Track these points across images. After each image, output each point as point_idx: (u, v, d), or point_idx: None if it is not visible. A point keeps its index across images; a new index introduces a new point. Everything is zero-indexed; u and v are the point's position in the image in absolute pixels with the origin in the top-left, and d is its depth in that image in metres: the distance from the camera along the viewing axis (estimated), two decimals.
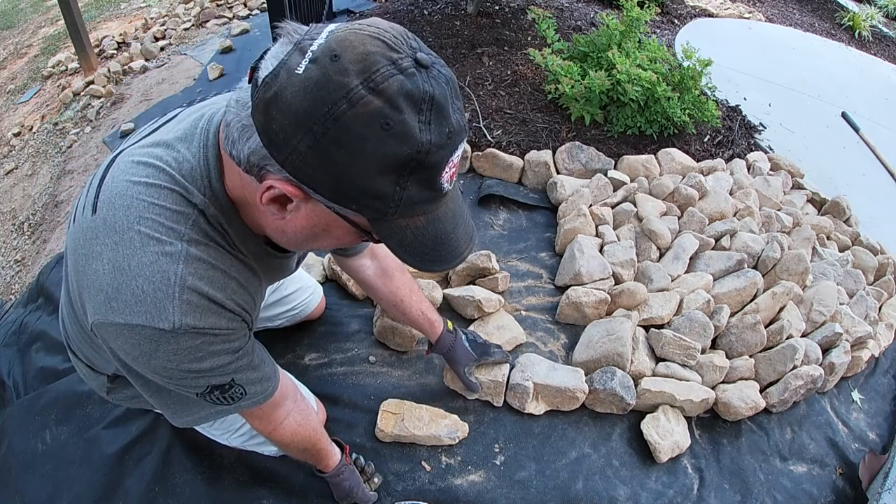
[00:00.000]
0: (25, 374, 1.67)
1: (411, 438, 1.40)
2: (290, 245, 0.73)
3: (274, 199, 0.61)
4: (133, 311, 0.66)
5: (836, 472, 1.64)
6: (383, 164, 0.55)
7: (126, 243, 0.66)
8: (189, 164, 0.69)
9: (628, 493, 1.43)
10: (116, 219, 0.67)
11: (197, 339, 0.69)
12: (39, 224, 2.56)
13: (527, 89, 2.59)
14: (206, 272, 0.69)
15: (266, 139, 0.56)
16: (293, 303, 1.51)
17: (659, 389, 1.52)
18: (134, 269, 0.65)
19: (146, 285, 0.65)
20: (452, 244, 0.66)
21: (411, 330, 1.54)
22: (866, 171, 2.99)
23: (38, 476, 1.38)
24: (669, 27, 3.82)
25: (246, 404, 0.83)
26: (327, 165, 0.55)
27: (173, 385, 0.75)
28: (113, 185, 0.69)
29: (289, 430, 0.97)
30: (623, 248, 1.91)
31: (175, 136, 0.72)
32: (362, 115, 0.52)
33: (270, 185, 0.59)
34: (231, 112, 0.60)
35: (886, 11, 5.27)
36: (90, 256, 0.68)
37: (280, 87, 0.54)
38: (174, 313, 0.66)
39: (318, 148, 0.54)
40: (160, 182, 0.68)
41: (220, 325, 0.71)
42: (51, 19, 4.41)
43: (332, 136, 0.53)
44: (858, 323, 1.88)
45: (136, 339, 0.68)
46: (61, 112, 3.14)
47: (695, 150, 2.50)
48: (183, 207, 0.68)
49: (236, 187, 0.69)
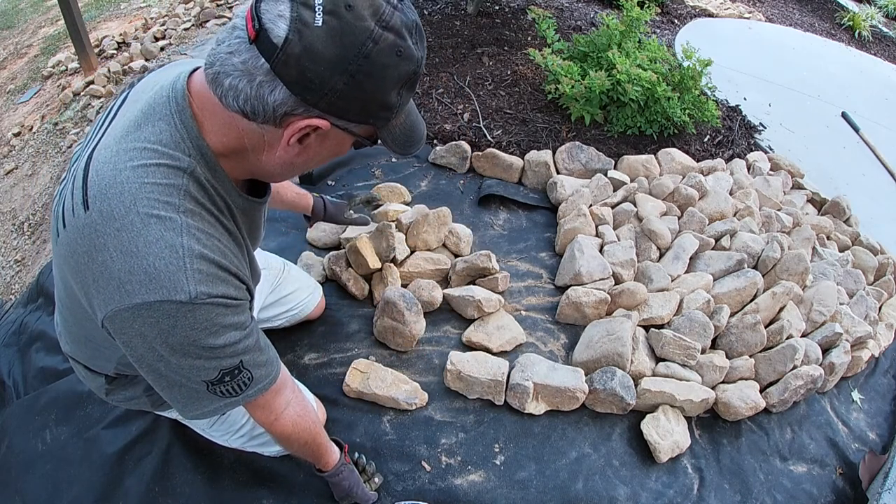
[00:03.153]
0: (25, 374, 1.67)
1: (372, 397, 1.47)
2: (289, 174, 0.82)
3: (300, 139, 0.71)
4: (148, 288, 0.68)
5: (836, 472, 1.64)
6: (397, 83, 0.70)
7: (128, 227, 0.68)
8: (167, 133, 0.72)
9: (628, 493, 1.43)
10: (113, 207, 0.68)
11: (211, 311, 0.72)
12: (39, 224, 2.56)
13: (527, 89, 2.59)
14: (206, 240, 0.73)
15: (299, 87, 0.64)
16: (292, 303, 1.51)
17: (659, 389, 1.52)
18: (142, 249, 0.68)
19: (157, 262, 0.68)
20: (419, 129, 0.84)
21: (411, 330, 1.54)
22: (866, 171, 2.99)
23: (38, 476, 1.38)
24: (669, 27, 3.82)
25: (252, 392, 0.84)
26: (359, 95, 0.67)
27: (186, 372, 0.76)
28: (99, 180, 0.70)
29: (289, 421, 0.97)
30: (623, 248, 1.91)
31: (139, 116, 0.74)
32: (384, 49, 0.65)
33: (307, 124, 0.68)
34: (232, 76, 0.65)
35: (886, 11, 5.27)
36: (94, 250, 0.69)
37: (307, 42, 0.62)
38: (188, 283, 0.69)
39: (352, 83, 0.65)
40: (145, 161, 0.70)
41: (230, 294, 0.75)
42: (51, 19, 4.41)
43: (364, 71, 0.65)
44: (858, 323, 1.88)
45: (154, 317, 0.69)
46: (61, 112, 3.14)
47: (695, 150, 2.50)
48: (172, 179, 0.71)
49: (228, 141, 0.74)
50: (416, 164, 2.32)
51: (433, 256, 1.83)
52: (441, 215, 1.87)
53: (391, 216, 1.95)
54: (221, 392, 0.80)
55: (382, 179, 2.22)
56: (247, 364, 0.81)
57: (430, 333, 1.66)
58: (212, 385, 0.79)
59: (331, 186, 2.20)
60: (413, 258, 1.82)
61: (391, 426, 1.46)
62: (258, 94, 0.65)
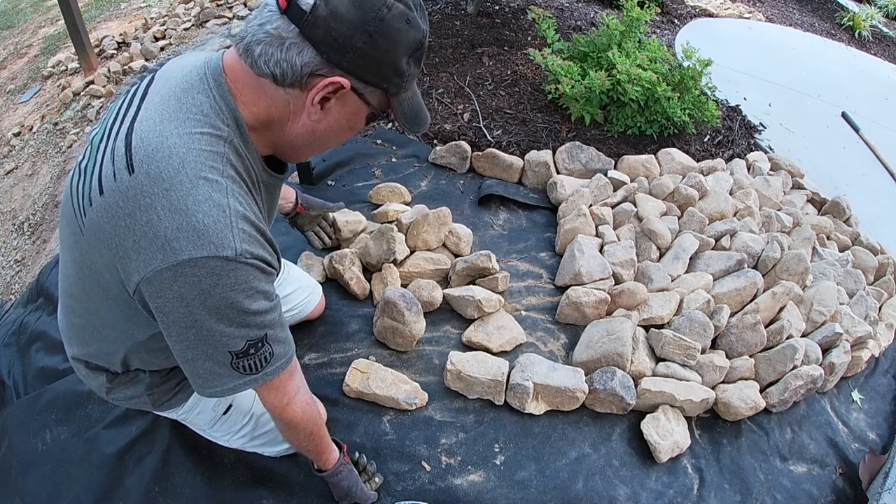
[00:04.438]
0: (25, 374, 1.67)
1: (372, 397, 1.47)
2: (309, 148, 0.88)
3: (323, 99, 0.78)
4: (196, 244, 0.71)
5: (836, 472, 1.64)
6: (408, 48, 0.78)
7: (178, 187, 0.71)
8: (207, 104, 0.77)
9: (628, 493, 1.43)
10: (161, 169, 0.71)
11: (251, 273, 0.76)
12: (39, 224, 2.56)
13: (527, 89, 2.60)
14: (247, 205, 0.78)
15: (325, 45, 0.73)
16: (293, 303, 1.51)
17: (659, 389, 1.52)
18: (192, 206, 0.71)
19: (206, 219, 0.71)
20: (424, 111, 0.90)
21: (411, 330, 1.54)
22: (866, 171, 2.99)
23: (38, 476, 1.38)
24: (669, 27, 3.82)
25: (271, 370, 0.86)
26: (376, 54, 0.75)
27: (216, 339, 0.77)
28: (146, 146, 0.73)
29: (300, 408, 0.98)
30: (623, 248, 1.91)
31: (177, 91, 0.78)
32: (396, 15, 0.74)
33: (331, 81, 0.75)
34: (263, 42, 0.73)
35: (886, 11, 5.27)
36: (138, 210, 0.71)
37: (332, 6, 0.71)
38: (234, 240, 0.73)
39: (371, 42, 0.74)
40: (189, 130, 0.75)
41: (266, 258, 0.79)
42: (51, 19, 4.41)
43: (380, 32, 0.74)
44: (858, 323, 1.88)
45: (199, 274, 0.71)
46: (61, 112, 3.14)
47: (695, 150, 2.50)
48: (215, 146, 0.76)
49: (259, 110, 0.80)
50: (416, 164, 2.32)
51: (433, 256, 1.83)
52: (441, 215, 1.87)
53: (391, 216, 1.95)
54: (244, 368, 0.82)
55: (382, 179, 2.22)
56: (270, 338, 0.83)
57: (430, 333, 1.66)
58: (237, 358, 0.81)
59: (331, 186, 2.20)
60: (413, 258, 1.82)
61: (391, 426, 1.46)
62: (287, 56, 0.73)
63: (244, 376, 0.84)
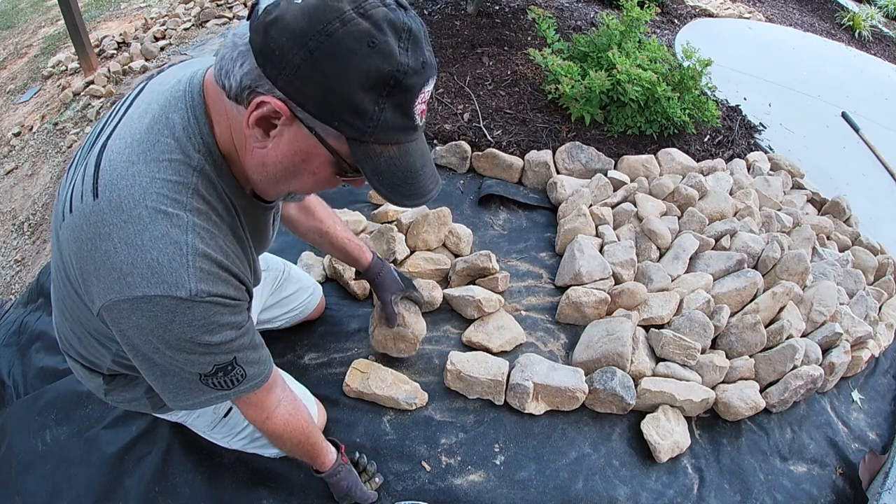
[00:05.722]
0: (25, 374, 1.67)
1: (372, 397, 1.47)
2: (269, 183, 0.76)
3: (259, 121, 0.66)
4: (150, 282, 0.68)
5: (836, 472, 1.64)
6: (367, 78, 0.61)
7: (135, 220, 0.68)
8: (180, 127, 0.72)
9: (628, 493, 1.43)
10: (122, 198, 0.69)
11: (210, 309, 0.73)
12: (39, 224, 2.56)
13: (527, 89, 2.59)
14: (210, 239, 0.73)
15: (262, 57, 0.62)
16: (293, 304, 1.51)
17: (659, 389, 1.52)
18: (147, 243, 0.68)
19: (161, 257, 0.68)
20: (421, 181, 0.72)
21: (413, 331, 1.51)
22: (866, 171, 2.99)
23: (38, 476, 1.38)
24: (669, 27, 3.82)
25: (245, 388, 0.85)
26: (317, 77, 0.61)
27: (180, 364, 0.76)
28: (111, 169, 0.71)
29: (281, 420, 0.97)
30: (623, 248, 1.91)
31: (155, 108, 0.74)
32: (352, 32, 0.60)
33: (260, 101, 0.64)
34: (225, 48, 0.66)
35: (886, 11, 5.27)
36: (98, 238, 0.69)
37: (281, 12, 0.61)
38: (189, 280, 0.69)
39: (311, 60, 0.60)
40: (157, 155, 0.71)
41: (229, 294, 0.75)
42: (51, 19, 4.41)
43: (324, 50, 0.60)
44: (858, 323, 1.88)
45: (154, 310, 0.70)
46: (61, 112, 3.14)
47: (695, 150, 2.50)
48: (183, 176, 0.71)
49: (226, 136, 0.74)
50: None
51: (433, 256, 1.83)
52: (441, 215, 1.87)
53: (391, 216, 1.95)
54: (214, 384, 0.81)
55: None
56: (240, 361, 0.81)
57: (430, 333, 1.66)
58: (205, 377, 0.79)
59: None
60: (413, 258, 1.82)
61: (391, 426, 1.46)
62: (232, 66, 0.65)
63: (216, 391, 0.82)
